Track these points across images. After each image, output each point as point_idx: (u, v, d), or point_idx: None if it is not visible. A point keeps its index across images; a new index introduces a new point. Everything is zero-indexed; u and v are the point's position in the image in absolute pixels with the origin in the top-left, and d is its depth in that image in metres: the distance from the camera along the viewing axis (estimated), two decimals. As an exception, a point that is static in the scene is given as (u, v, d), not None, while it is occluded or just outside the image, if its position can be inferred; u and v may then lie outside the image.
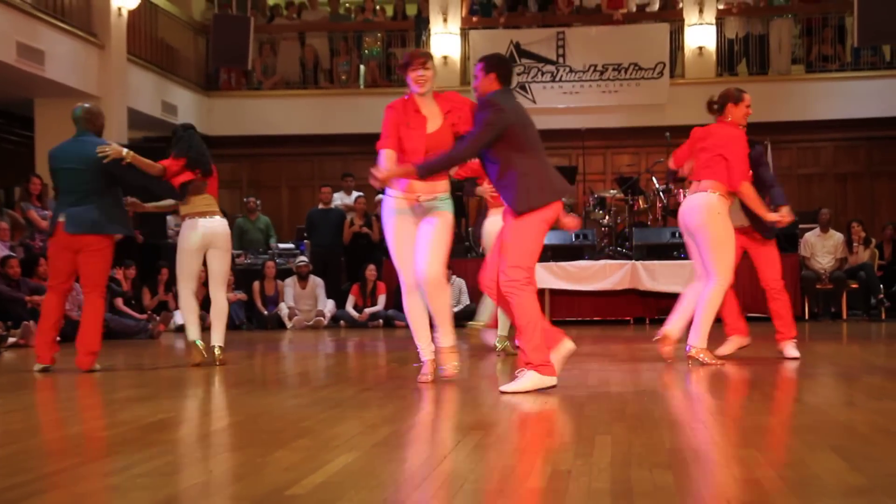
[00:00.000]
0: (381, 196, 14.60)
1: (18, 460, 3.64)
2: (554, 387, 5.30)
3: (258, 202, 15.57)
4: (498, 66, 5.49)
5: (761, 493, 2.89)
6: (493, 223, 7.43)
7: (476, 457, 3.59)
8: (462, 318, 13.34)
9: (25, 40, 12.30)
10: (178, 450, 3.79)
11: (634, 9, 17.75)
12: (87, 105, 7.81)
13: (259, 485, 3.18)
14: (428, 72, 5.60)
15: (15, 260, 10.67)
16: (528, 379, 5.28)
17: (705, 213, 6.81)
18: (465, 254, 14.20)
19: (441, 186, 5.69)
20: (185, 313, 7.75)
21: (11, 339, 9.75)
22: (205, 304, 8.14)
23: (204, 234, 7.50)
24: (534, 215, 5.33)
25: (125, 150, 7.36)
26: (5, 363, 8.33)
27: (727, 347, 7.54)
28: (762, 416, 4.46)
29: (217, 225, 7.57)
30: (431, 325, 5.83)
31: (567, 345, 5.60)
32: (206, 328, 7.84)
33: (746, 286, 13.11)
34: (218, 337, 7.51)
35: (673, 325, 7.24)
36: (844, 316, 13.30)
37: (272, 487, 3.12)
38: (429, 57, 5.70)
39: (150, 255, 13.42)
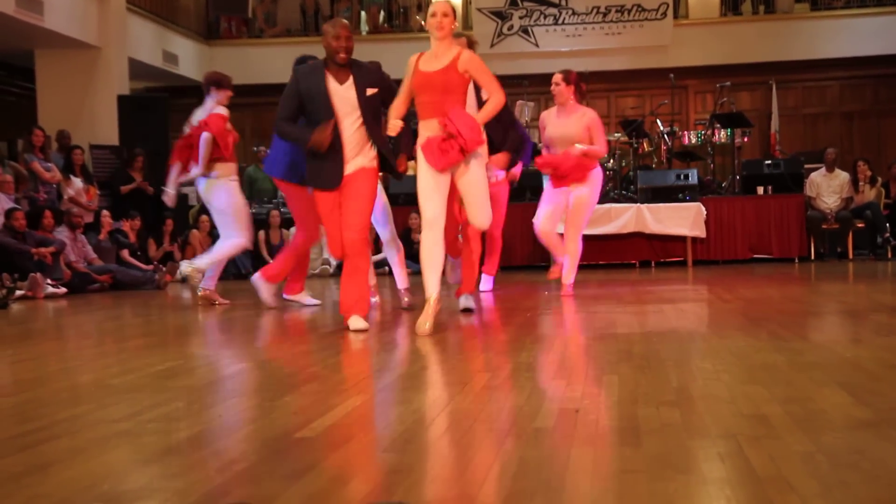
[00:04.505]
0: None
1: (30, 408, 3.67)
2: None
3: (269, 152, 15.53)
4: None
5: (768, 427, 2.91)
6: None
7: (484, 398, 3.61)
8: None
9: (24, -9, 12.21)
10: (188, 396, 3.81)
11: (637, -51, 17.55)
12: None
13: (268, 428, 3.20)
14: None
15: (20, 212, 10.68)
16: None
17: None
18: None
19: None
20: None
21: (19, 292, 9.77)
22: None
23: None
24: None
25: None
26: (14, 315, 8.37)
27: None
28: (768, 353, 4.47)
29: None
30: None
31: None
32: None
33: (752, 228, 13.13)
34: None
35: None
36: (850, 255, 13.30)
37: (281, 431, 3.15)
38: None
39: (156, 206, 13.42)
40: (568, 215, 8.01)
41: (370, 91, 5.92)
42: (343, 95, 5.88)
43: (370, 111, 5.92)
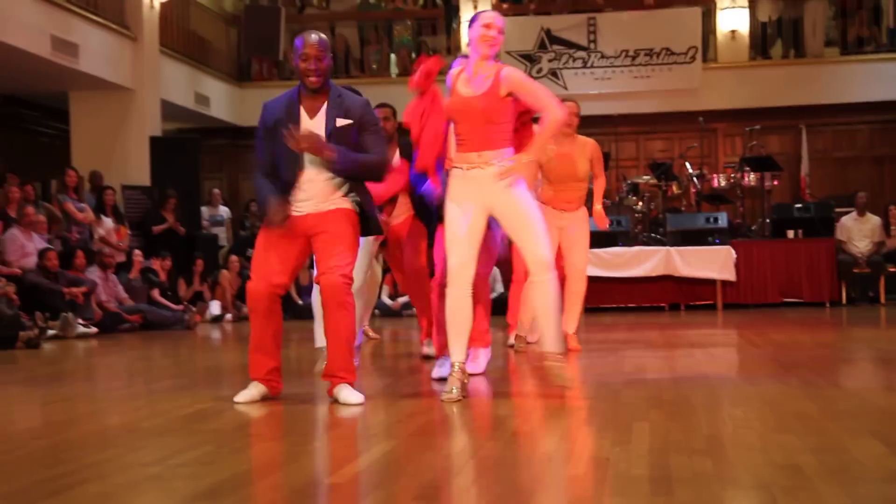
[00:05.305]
0: None
1: (60, 451, 3.68)
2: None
3: None
4: None
5: (802, 478, 2.87)
6: None
7: (514, 445, 3.59)
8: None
9: (60, 34, 12.38)
10: (217, 440, 3.81)
11: (666, -7, 17.61)
12: None
13: (299, 474, 3.19)
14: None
15: (53, 252, 10.77)
16: None
17: None
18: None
19: None
20: None
21: (51, 332, 9.84)
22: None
23: None
24: None
25: None
26: (45, 355, 8.42)
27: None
28: (800, 401, 4.43)
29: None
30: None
31: None
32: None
33: (782, 272, 13.05)
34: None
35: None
36: (882, 300, 13.17)
37: (311, 477, 3.14)
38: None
39: (186, 246, 13.51)
40: (567, 253, 7.22)
41: (341, 122, 4.71)
42: (312, 129, 4.70)
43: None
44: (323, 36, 4.78)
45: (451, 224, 4.81)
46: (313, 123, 4.72)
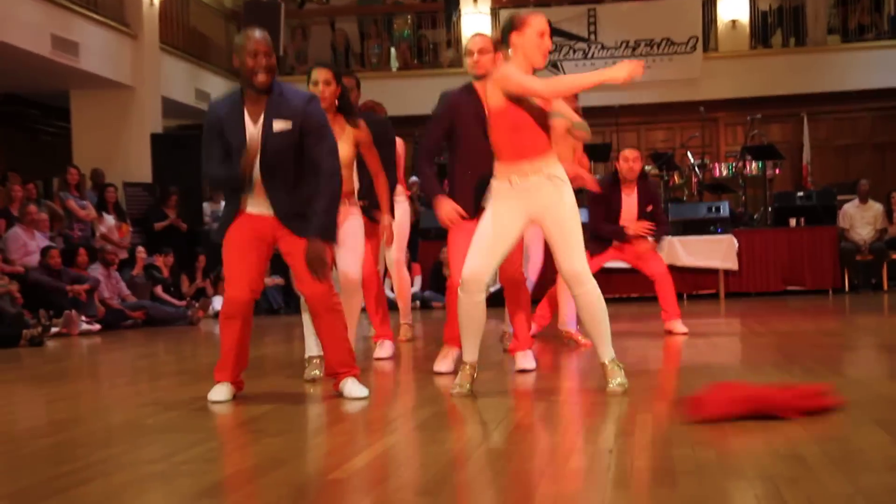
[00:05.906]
0: (415, 178, 14.29)
1: (65, 449, 3.69)
2: None
3: None
4: None
5: (805, 468, 2.87)
6: None
7: (517, 437, 3.59)
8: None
9: (60, 32, 12.38)
10: (221, 436, 3.82)
11: (666, -17, 17.57)
12: None
13: (302, 470, 3.20)
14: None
15: (56, 250, 10.78)
16: None
17: None
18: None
19: None
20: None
21: (54, 329, 9.86)
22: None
23: None
24: None
25: None
26: (49, 352, 8.43)
27: None
28: (804, 390, 4.42)
29: None
30: None
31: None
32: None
33: (785, 260, 13.05)
34: None
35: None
36: (885, 287, 13.17)
37: (314, 472, 3.15)
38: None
39: (188, 242, 13.52)
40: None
41: (278, 126, 4.45)
42: (254, 135, 4.48)
43: (277, 156, 4.46)
44: (266, 33, 4.54)
45: (480, 229, 4.59)
46: (255, 129, 4.47)
